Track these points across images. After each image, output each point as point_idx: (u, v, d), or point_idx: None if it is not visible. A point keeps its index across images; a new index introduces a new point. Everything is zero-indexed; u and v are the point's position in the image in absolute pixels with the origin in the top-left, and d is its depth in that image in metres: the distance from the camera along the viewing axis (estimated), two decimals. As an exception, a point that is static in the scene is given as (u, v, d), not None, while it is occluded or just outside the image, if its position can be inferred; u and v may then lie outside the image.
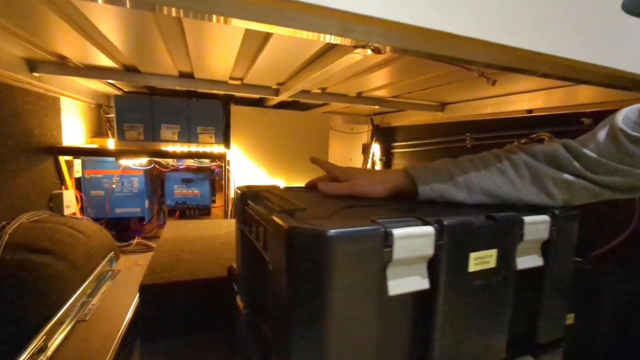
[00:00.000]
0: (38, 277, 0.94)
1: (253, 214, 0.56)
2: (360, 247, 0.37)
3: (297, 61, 1.01)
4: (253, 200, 0.61)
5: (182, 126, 1.63)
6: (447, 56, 0.62)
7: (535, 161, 0.50)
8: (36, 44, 0.94)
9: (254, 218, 0.55)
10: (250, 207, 0.58)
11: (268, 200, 0.56)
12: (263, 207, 0.52)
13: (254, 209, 0.55)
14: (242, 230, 0.63)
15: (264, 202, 0.56)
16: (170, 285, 0.94)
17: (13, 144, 1.11)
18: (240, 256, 0.66)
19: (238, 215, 0.64)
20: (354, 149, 2.53)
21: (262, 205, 0.55)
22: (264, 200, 0.58)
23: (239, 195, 0.63)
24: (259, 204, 0.58)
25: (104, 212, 1.64)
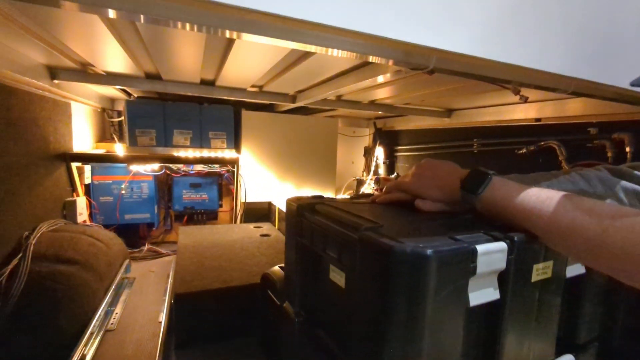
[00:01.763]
0: (69, 288, 0.93)
1: (319, 227, 0.58)
2: (453, 264, 0.40)
3: (327, 74, 1.03)
4: (309, 212, 0.64)
5: (194, 131, 1.62)
6: (490, 77, 0.67)
7: (604, 173, 0.54)
8: (58, 48, 0.92)
9: (319, 230, 0.58)
10: (314, 220, 0.60)
11: (330, 213, 0.58)
12: (331, 221, 0.55)
13: (321, 223, 0.58)
14: (297, 242, 0.65)
15: (327, 216, 0.58)
16: (204, 294, 0.95)
17: (33, 152, 1.09)
18: (294, 266, 0.68)
19: (293, 227, 0.66)
20: (356, 152, 2.57)
21: (325, 217, 0.58)
22: (324, 213, 0.60)
23: (294, 208, 0.65)
24: (319, 216, 0.61)
25: (113, 218, 1.62)
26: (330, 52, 0.52)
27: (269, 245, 1.38)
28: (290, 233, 0.69)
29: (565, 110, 1.26)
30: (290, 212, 0.68)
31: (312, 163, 1.93)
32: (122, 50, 0.88)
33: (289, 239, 0.71)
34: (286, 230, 0.72)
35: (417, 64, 0.56)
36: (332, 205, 0.64)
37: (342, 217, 0.55)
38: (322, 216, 0.60)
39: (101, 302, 1.04)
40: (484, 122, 1.61)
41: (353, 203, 0.71)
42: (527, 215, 0.47)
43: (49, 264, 0.96)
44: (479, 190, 0.53)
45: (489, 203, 0.53)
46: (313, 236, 0.61)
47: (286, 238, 0.73)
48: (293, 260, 0.69)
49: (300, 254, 0.66)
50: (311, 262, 0.64)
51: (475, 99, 1.45)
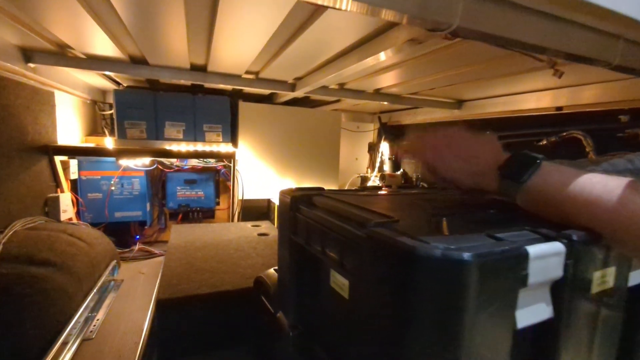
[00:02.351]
0: (38, 292, 0.83)
1: (317, 222, 0.47)
2: (498, 273, 0.29)
3: (327, 53, 0.92)
4: (307, 206, 0.53)
5: (188, 124, 1.52)
6: (523, 43, 0.55)
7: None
8: (33, 28, 0.82)
9: (317, 227, 0.47)
10: (310, 215, 0.49)
11: (331, 207, 0.48)
12: (332, 216, 0.44)
13: (319, 218, 0.47)
14: (292, 241, 0.55)
15: (327, 209, 0.47)
16: (189, 299, 0.84)
17: (5, 143, 0.99)
18: (287, 270, 0.58)
19: (286, 223, 0.56)
20: (360, 148, 2.46)
21: (324, 212, 0.47)
22: (323, 206, 0.50)
23: (287, 200, 0.55)
24: (317, 210, 0.50)
25: (102, 216, 1.53)
26: (339, 4, 0.42)
27: (266, 245, 1.27)
28: (283, 230, 0.59)
29: (588, 97, 1.14)
30: (284, 205, 0.57)
31: (313, 158, 1.82)
32: (100, 30, 0.78)
33: (282, 237, 0.60)
34: (278, 227, 0.62)
35: (437, 20, 0.45)
36: (334, 197, 0.53)
37: (344, 211, 0.44)
38: (320, 210, 0.50)
39: (78, 308, 0.94)
40: (498, 113, 1.49)
41: (358, 195, 0.60)
42: (590, 208, 0.36)
43: (18, 265, 0.86)
44: (524, 177, 0.42)
45: (537, 192, 0.42)
46: (309, 234, 0.51)
47: (279, 236, 0.63)
48: (286, 263, 0.59)
49: (294, 256, 0.56)
50: (308, 265, 0.54)
51: (487, 87, 1.34)
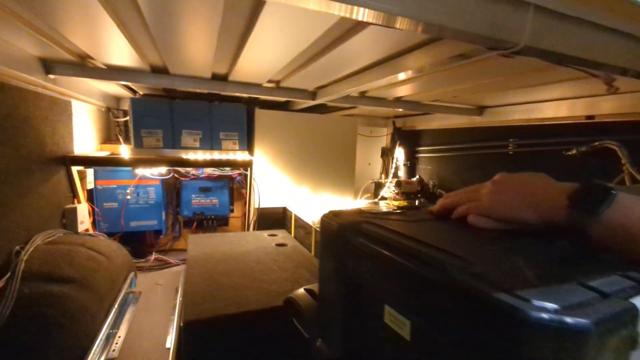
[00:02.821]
0: (62, 313, 0.81)
1: (371, 255, 0.44)
2: (612, 336, 0.26)
3: (353, 67, 0.89)
4: (354, 234, 0.50)
5: (204, 132, 1.50)
6: (580, 58, 0.52)
7: None
8: (55, 39, 0.80)
9: (371, 260, 0.44)
10: (363, 246, 0.46)
11: (384, 238, 0.44)
12: (390, 250, 0.41)
13: (374, 252, 0.44)
14: (338, 270, 0.51)
15: (381, 240, 0.44)
16: (216, 320, 0.81)
17: (25, 156, 0.97)
18: (333, 299, 0.54)
19: (332, 251, 0.53)
20: (373, 153, 2.43)
21: (379, 243, 0.44)
22: (376, 237, 0.46)
23: (333, 228, 0.52)
24: (369, 240, 0.47)
25: (118, 226, 1.51)
26: (396, 23, 0.39)
27: (286, 257, 1.25)
28: (328, 257, 0.55)
29: (616, 106, 1.10)
30: (329, 231, 0.54)
31: (329, 165, 1.79)
32: (125, 39, 0.76)
33: (326, 264, 0.57)
34: (322, 252, 0.58)
35: (503, 39, 0.42)
36: (383, 226, 0.50)
37: (407, 247, 0.41)
38: (374, 241, 0.46)
39: (101, 326, 0.92)
40: (521, 121, 1.45)
41: (405, 221, 0.57)
42: None
43: (40, 284, 0.84)
44: (601, 208, 0.39)
45: (615, 225, 0.38)
46: (362, 266, 0.47)
47: (321, 262, 0.59)
48: (332, 291, 0.55)
49: (342, 286, 0.52)
50: (356, 294, 0.51)
51: (511, 94, 1.30)
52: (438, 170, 1.99)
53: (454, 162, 1.88)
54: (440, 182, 1.95)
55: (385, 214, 0.61)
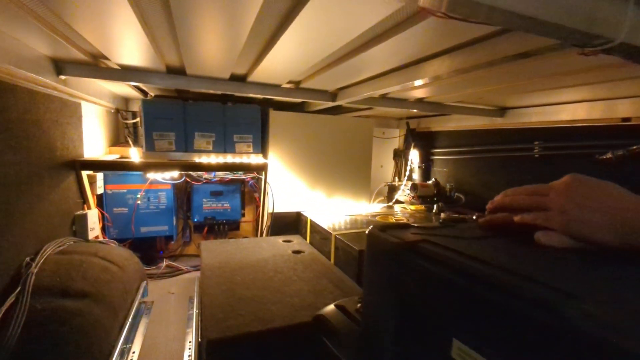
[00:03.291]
0: (76, 331, 0.75)
1: (438, 281, 0.39)
2: None
3: (380, 69, 0.84)
4: (418, 257, 0.44)
5: (218, 134, 1.44)
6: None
7: None
8: (68, 37, 0.75)
9: (439, 287, 0.39)
10: (427, 270, 0.41)
11: (461, 264, 0.39)
12: (468, 278, 0.35)
13: (444, 277, 0.38)
14: (394, 295, 0.46)
15: (453, 266, 0.39)
16: (241, 339, 0.76)
17: (36, 161, 0.92)
18: (386, 325, 0.49)
19: (386, 273, 0.47)
20: (385, 155, 2.37)
21: (449, 269, 0.39)
22: (441, 259, 0.41)
23: (388, 245, 0.46)
24: (433, 264, 0.41)
25: (128, 231, 1.45)
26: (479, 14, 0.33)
27: (305, 265, 1.19)
28: (379, 277, 0.50)
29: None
30: (380, 249, 0.49)
31: (344, 168, 1.74)
32: (145, 37, 0.70)
33: (375, 284, 0.51)
34: (369, 271, 0.52)
35: (599, 35, 0.36)
36: (443, 245, 0.44)
37: (482, 272, 0.35)
38: (442, 266, 0.41)
39: (116, 342, 0.87)
40: (549, 122, 1.39)
41: (459, 237, 0.51)
42: None
43: (52, 299, 0.79)
44: None
45: None
46: (425, 292, 0.42)
47: (368, 280, 0.53)
48: (381, 314, 0.50)
49: (397, 310, 0.47)
50: (415, 322, 0.45)
51: (536, 95, 1.24)
52: (455, 173, 1.93)
53: (472, 165, 1.82)
54: (457, 185, 1.89)
55: (435, 229, 0.55)
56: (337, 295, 0.97)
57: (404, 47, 0.72)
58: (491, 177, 1.70)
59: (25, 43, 0.77)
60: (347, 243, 1.14)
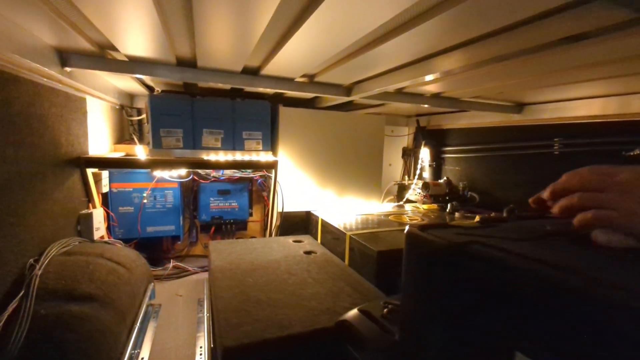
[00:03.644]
0: (83, 337, 0.71)
1: (502, 291, 0.34)
2: None
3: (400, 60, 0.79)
4: (474, 260, 0.39)
5: (226, 131, 1.40)
6: None
7: None
8: (76, 24, 0.70)
9: (505, 298, 0.34)
10: (492, 277, 0.36)
11: (532, 271, 0.34)
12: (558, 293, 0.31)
13: (517, 286, 0.33)
14: (443, 302, 0.41)
15: (525, 274, 0.34)
16: (259, 346, 0.71)
17: (40, 158, 0.87)
18: (434, 339, 0.44)
19: (432, 277, 0.42)
20: (394, 154, 2.32)
21: (521, 277, 0.34)
22: (509, 264, 0.36)
23: (438, 249, 0.41)
24: (499, 270, 0.36)
25: (134, 231, 1.41)
26: None
27: (318, 267, 1.14)
28: (424, 284, 0.45)
29: None
30: (426, 252, 0.44)
31: (356, 167, 1.69)
32: (159, 24, 0.65)
33: (419, 291, 0.46)
34: (410, 275, 0.48)
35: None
36: (494, 246, 0.39)
37: (553, 275, 0.31)
38: (500, 268, 0.36)
39: (124, 348, 0.82)
40: (570, 118, 1.34)
41: (513, 239, 0.46)
42: None
43: (58, 303, 0.74)
44: None
45: None
46: (484, 299, 0.37)
47: (410, 287, 0.48)
48: (428, 326, 0.45)
49: (445, 318, 0.42)
50: (468, 332, 0.40)
51: (557, 90, 1.18)
52: (468, 171, 1.88)
53: (486, 163, 1.77)
54: (470, 184, 1.84)
55: (478, 229, 0.50)
56: (356, 298, 0.93)
57: (421, 39, 0.68)
58: (506, 176, 1.65)
59: (29, 30, 0.73)
60: (364, 244, 1.09)
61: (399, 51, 0.80)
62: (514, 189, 1.60)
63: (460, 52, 0.76)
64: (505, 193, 1.66)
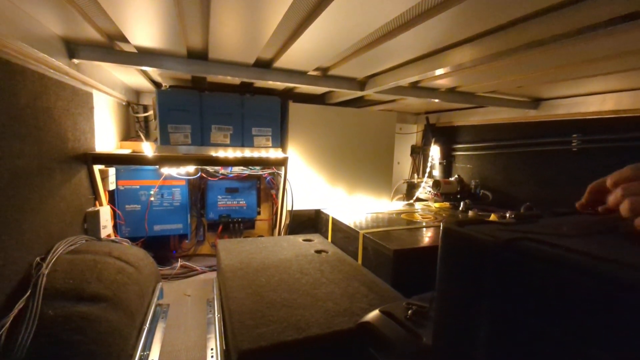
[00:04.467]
0: (92, 339, 0.68)
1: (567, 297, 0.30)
2: None
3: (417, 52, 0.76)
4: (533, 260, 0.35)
5: (235, 127, 1.36)
6: None
7: None
8: (85, 11, 0.67)
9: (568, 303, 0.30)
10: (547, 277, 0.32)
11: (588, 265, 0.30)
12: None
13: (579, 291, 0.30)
14: (493, 307, 0.37)
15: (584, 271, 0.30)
16: (276, 349, 0.68)
17: (46, 153, 0.84)
18: (468, 340, 0.40)
19: (475, 277, 0.39)
20: (402, 152, 2.28)
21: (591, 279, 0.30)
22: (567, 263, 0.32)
23: (485, 248, 0.38)
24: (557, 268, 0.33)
25: (141, 229, 1.38)
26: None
27: (331, 266, 1.11)
28: (465, 284, 0.41)
29: None
30: (468, 249, 0.40)
31: (366, 164, 1.65)
32: (172, 9, 0.61)
33: (459, 291, 0.43)
34: (449, 276, 0.44)
35: None
36: (548, 242, 0.36)
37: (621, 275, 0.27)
38: (560, 267, 0.32)
39: (134, 350, 0.79)
40: (590, 114, 1.30)
41: (550, 233, 0.42)
42: None
43: (66, 303, 0.71)
44: None
45: None
46: (538, 300, 0.34)
47: (447, 287, 0.45)
48: (470, 330, 0.41)
49: (493, 324, 0.38)
50: (520, 337, 0.37)
51: (583, 83, 1.14)
52: (480, 169, 1.84)
53: (499, 161, 1.73)
54: (482, 182, 1.80)
55: (518, 225, 0.47)
56: (373, 299, 0.89)
57: (436, 32, 0.66)
58: (520, 173, 1.61)
59: (36, 19, 0.70)
60: (380, 242, 1.06)
61: (413, 43, 0.77)
62: (528, 187, 1.56)
63: (475, 44, 0.73)
64: (519, 191, 1.62)
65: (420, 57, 0.89)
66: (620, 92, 1.18)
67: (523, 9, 0.56)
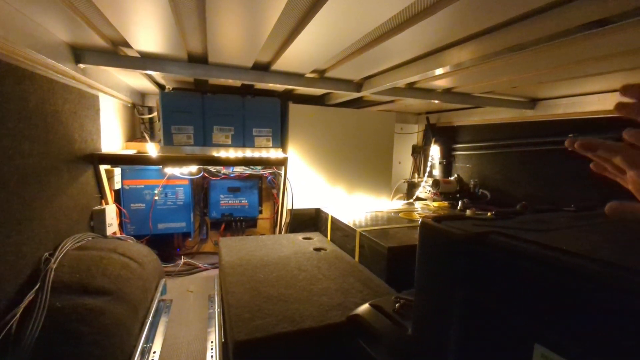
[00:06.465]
0: (97, 330, 0.72)
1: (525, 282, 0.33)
2: None
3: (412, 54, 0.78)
4: (495, 250, 0.38)
5: (237, 128, 1.40)
6: None
7: None
8: (90, 19, 0.71)
9: (526, 288, 0.33)
10: (513, 268, 0.35)
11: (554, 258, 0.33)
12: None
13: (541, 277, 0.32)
14: (459, 293, 0.40)
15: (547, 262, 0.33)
16: (270, 340, 0.71)
17: (54, 154, 0.89)
18: (440, 326, 0.43)
19: (449, 268, 0.41)
20: (403, 151, 2.30)
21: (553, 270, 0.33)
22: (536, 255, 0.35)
23: (456, 239, 0.40)
24: (523, 259, 0.35)
25: (145, 228, 1.42)
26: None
27: (328, 263, 1.14)
28: (440, 276, 0.44)
29: None
30: (442, 243, 0.43)
31: (366, 163, 1.68)
32: (171, 16, 0.65)
33: (435, 283, 0.45)
34: (425, 266, 0.47)
35: None
36: (516, 236, 0.38)
37: (581, 266, 0.30)
38: (523, 258, 0.35)
39: (137, 342, 0.83)
40: (585, 114, 1.31)
41: (522, 228, 0.44)
42: None
43: (73, 296, 0.75)
44: None
45: None
46: (503, 290, 0.36)
47: (425, 279, 0.47)
48: (445, 319, 0.44)
49: (465, 313, 0.41)
50: (487, 325, 0.39)
51: (574, 84, 1.15)
52: (479, 168, 1.86)
53: (498, 160, 1.74)
54: (481, 181, 1.81)
55: (495, 221, 0.49)
56: (367, 294, 0.92)
57: (432, 31, 0.67)
58: (518, 173, 1.62)
59: (44, 27, 0.74)
60: (375, 240, 1.08)
61: (409, 44, 0.79)
62: (526, 186, 1.58)
63: (472, 44, 0.75)
64: (518, 190, 1.63)
65: (415, 59, 0.91)
66: (616, 92, 1.19)
67: (508, 12, 0.58)
